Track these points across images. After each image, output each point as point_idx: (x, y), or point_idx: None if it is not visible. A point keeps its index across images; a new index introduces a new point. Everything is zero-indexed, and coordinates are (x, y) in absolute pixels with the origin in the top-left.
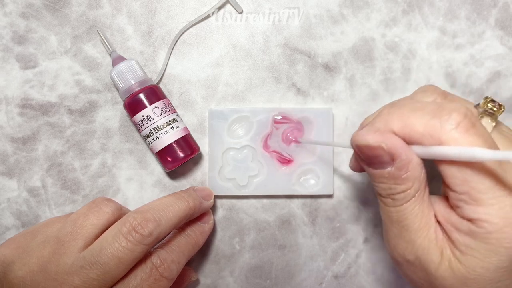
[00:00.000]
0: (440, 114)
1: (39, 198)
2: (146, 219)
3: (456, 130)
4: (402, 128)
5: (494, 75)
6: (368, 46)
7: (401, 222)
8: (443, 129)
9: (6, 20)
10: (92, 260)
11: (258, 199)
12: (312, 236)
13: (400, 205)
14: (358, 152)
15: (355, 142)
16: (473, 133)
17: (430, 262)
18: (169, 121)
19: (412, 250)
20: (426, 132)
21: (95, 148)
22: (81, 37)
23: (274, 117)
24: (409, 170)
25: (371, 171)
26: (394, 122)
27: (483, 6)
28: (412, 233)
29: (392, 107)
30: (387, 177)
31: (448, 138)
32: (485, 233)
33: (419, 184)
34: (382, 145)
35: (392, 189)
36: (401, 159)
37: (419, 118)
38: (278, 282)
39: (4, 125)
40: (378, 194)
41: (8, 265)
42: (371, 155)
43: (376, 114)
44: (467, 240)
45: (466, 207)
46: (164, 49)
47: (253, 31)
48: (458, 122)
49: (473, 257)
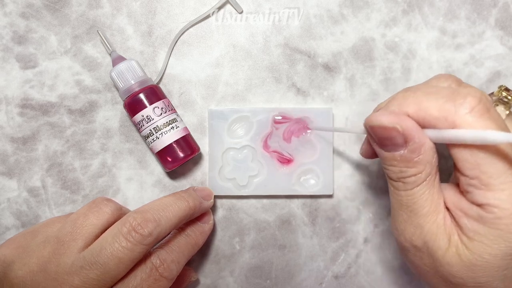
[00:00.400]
0: (454, 98)
1: (39, 198)
2: (146, 219)
3: (470, 114)
4: (416, 112)
5: (494, 75)
6: (368, 46)
7: (410, 206)
8: (458, 113)
9: (6, 20)
10: (92, 260)
11: (258, 199)
12: (312, 236)
13: (410, 189)
14: (372, 133)
15: (369, 123)
16: (487, 117)
17: (438, 248)
18: (169, 121)
19: (420, 235)
20: (440, 115)
21: (95, 148)
22: (81, 37)
23: (274, 117)
24: (421, 153)
25: (383, 153)
26: (409, 105)
27: (483, 6)
28: (421, 218)
29: (407, 91)
30: (399, 159)
31: (462, 121)
32: (494, 218)
33: (431, 168)
34: (396, 126)
35: (403, 172)
36: (414, 142)
37: (433, 102)
38: (278, 282)
39: (4, 125)
40: (389, 178)
41: (8, 265)
42: (385, 137)
43: (390, 98)
44: (476, 226)
45: (476, 192)
46: (164, 49)
47: (253, 31)
48: (473, 106)
49: (481, 243)
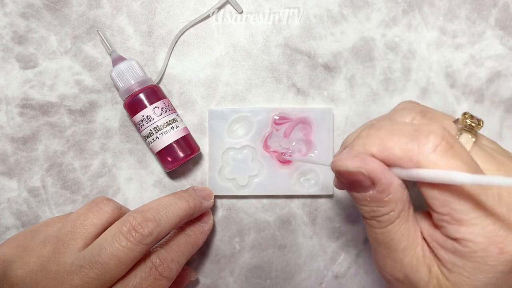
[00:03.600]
0: (417, 137)
1: (39, 198)
2: (146, 218)
3: (434, 153)
4: (381, 151)
5: (494, 75)
6: (368, 46)
7: (387, 242)
8: (421, 152)
9: (6, 20)
10: (92, 260)
11: (258, 199)
12: (312, 236)
13: (385, 227)
14: (339, 176)
15: (335, 168)
16: (452, 155)
17: (419, 280)
18: (169, 121)
19: (400, 269)
20: (404, 155)
21: (95, 148)
22: (81, 37)
23: (274, 117)
24: (390, 193)
25: (353, 194)
26: (372, 145)
27: (483, 6)
28: (400, 253)
29: (371, 129)
30: (369, 200)
31: (426, 161)
32: (470, 252)
33: (402, 205)
34: (361, 170)
35: (376, 211)
36: (381, 183)
37: (397, 141)
38: (278, 282)
39: (4, 125)
40: (363, 217)
41: (8, 264)
42: (352, 180)
43: (356, 136)
44: (453, 258)
45: (449, 227)
46: (164, 49)
47: (253, 31)
48: (436, 145)
49: (460, 275)
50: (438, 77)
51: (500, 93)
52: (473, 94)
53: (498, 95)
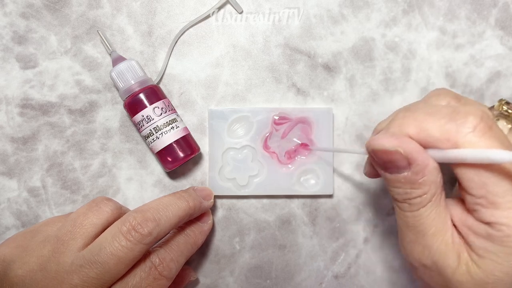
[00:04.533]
0: (455, 118)
1: (39, 198)
2: (146, 218)
3: (473, 134)
4: (418, 133)
5: (494, 75)
6: (368, 46)
7: (417, 227)
8: (460, 132)
9: (6, 20)
10: (92, 259)
11: (258, 199)
12: (312, 236)
13: (416, 210)
14: (374, 157)
15: (371, 147)
16: (490, 136)
17: (447, 266)
18: (169, 121)
19: (429, 255)
20: (442, 136)
21: (95, 148)
22: (81, 37)
23: (274, 117)
24: (425, 175)
25: (387, 175)
26: (409, 126)
27: (483, 6)
28: (429, 238)
29: (407, 111)
30: (403, 181)
31: (465, 141)
32: (503, 236)
33: (436, 188)
34: (399, 150)
35: (408, 193)
36: (417, 164)
37: (434, 122)
38: (278, 282)
39: (4, 125)
40: (394, 199)
41: (8, 264)
42: (388, 160)
43: (391, 119)
44: (485, 244)
45: (484, 211)
46: (164, 49)
47: (253, 31)
48: (475, 125)
49: (491, 261)
50: (438, 77)
51: (500, 93)
52: (473, 94)
53: (498, 95)
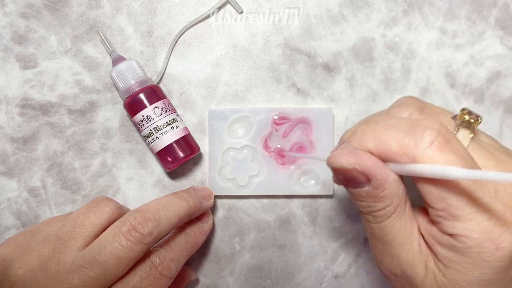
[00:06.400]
0: (414, 132)
1: (39, 198)
2: (146, 218)
3: (430, 148)
4: (377, 147)
5: (494, 75)
6: (368, 46)
7: (384, 237)
8: (418, 147)
9: (6, 20)
10: (92, 259)
11: (258, 199)
12: (312, 236)
13: (381, 222)
14: (335, 173)
15: (330, 165)
16: (448, 150)
17: (416, 275)
18: (169, 121)
19: (397, 264)
20: (400, 150)
21: (95, 148)
22: (81, 37)
23: (274, 117)
24: (386, 188)
25: (349, 190)
26: (369, 140)
27: (483, 6)
28: (396, 248)
29: (367, 124)
30: (365, 195)
31: (422, 156)
32: (465, 247)
33: (398, 200)
34: (356, 167)
35: (372, 206)
36: (376, 179)
37: (393, 136)
38: (278, 282)
39: (4, 125)
40: (360, 211)
41: (8, 264)
42: (347, 176)
43: (352, 131)
44: (449, 254)
45: (446, 223)
46: (164, 49)
47: (253, 31)
48: (432, 139)
49: (455, 271)
50: (438, 77)
51: (500, 93)
52: (473, 94)
53: (498, 95)
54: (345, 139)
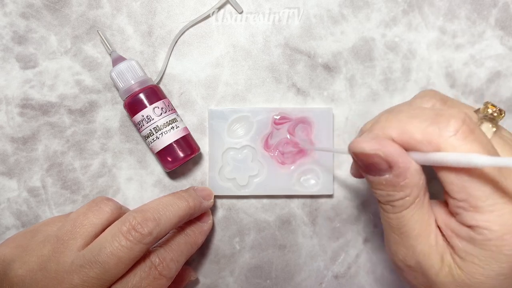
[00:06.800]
0: (438, 121)
1: (39, 198)
2: (146, 218)
3: (454, 137)
4: (400, 135)
5: (494, 75)
6: (368, 46)
7: (401, 228)
8: (442, 136)
9: (6, 20)
10: (92, 259)
11: (258, 199)
12: (312, 236)
13: (399, 212)
14: (356, 159)
15: (352, 150)
16: (472, 139)
17: (431, 267)
18: (169, 121)
19: (412, 256)
20: (424, 139)
21: (95, 148)
22: (81, 37)
23: (274, 117)
24: (407, 177)
25: (369, 178)
26: (392, 129)
27: (483, 6)
28: (412, 239)
29: (390, 113)
30: (385, 184)
31: (446, 145)
32: (484, 240)
33: (418, 190)
34: (379, 153)
35: (391, 196)
36: (398, 167)
37: (417, 125)
38: (278, 282)
39: (4, 125)
40: (378, 201)
41: (8, 264)
42: (368, 163)
43: (374, 120)
44: (467, 246)
45: (465, 214)
46: (164, 49)
47: (253, 31)
48: (457, 128)
49: (473, 264)
50: (438, 77)
51: (500, 93)
52: (473, 94)
53: (498, 95)
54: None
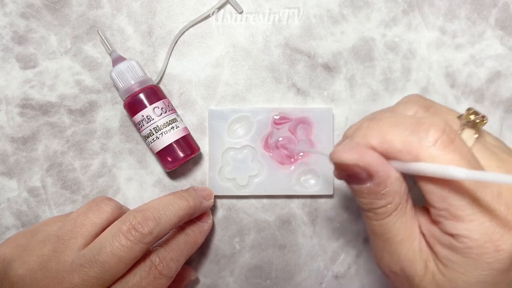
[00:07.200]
0: (418, 130)
1: (39, 198)
2: (146, 217)
3: (434, 147)
4: (380, 143)
5: (494, 75)
6: (368, 46)
7: (384, 235)
8: (421, 145)
9: (6, 20)
10: (92, 259)
11: (258, 199)
12: (312, 236)
13: (382, 219)
14: (337, 168)
15: (333, 160)
16: (452, 149)
17: (415, 274)
18: (169, 121)
19: (397, 262)
20: (404, 148)
21: (95, 148)
22: (81, 37)
23: (274, 117)
24: (387, 186)
25: (351, 186)
26: (372, 137)
27: (483, 6)
28: (396, 246)
29: (371, 120)
30: (366, 192)
31: (426, 154)
32: (465, 248)
33: (400, 198)
34: (358, 163)
35: (373, 203)
36: (378, 176)
37: (397, 134)
38: (278, 282)
39: (4, 125)
40: (361, 208)
41: (8, 264)
42: (349, 172)
43: (356, 126)
44: (449, 254)
45: (446, 223)
46: (164, 49)
47: (253, 31)
48: (436, 138)
49: (455, 271)
50: (438, 77)
51: (500, 93)
52: (473, 94)
53: (498, 95)
54: (348, 135)
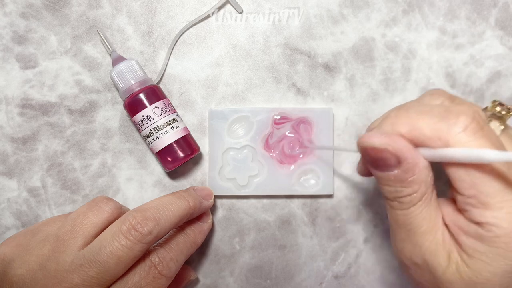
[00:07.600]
0: (447, 117)
1: (39, 198)
2: (146, 217)
3: (464, 133)
4: (409, 131)
5: (494, 75)
6: (368, 46)
7: (408, 225)
8: (451, 132)
9: (6, 20)
10: (92, 259)
11: (258, 199)
12: (312, 236)
13: (406, 208)
14: (364, 154)
15: (361, 144)
16: (481, 135)
17: (437, 265)
18: (169, 121)
19: (419, 253)
20: (433, 135)
21: (95, 148)
22: (81, 37)
23: (274, 117)
24: (415, 173)
25: (377, 173)
26: (401, 125)
27: (483, 6)
28: (419, 236)
29: (400, 109)
30: (393, 179)
31: (455, 141)
32: (493, 236)
33: (426, 187)
34: (388, 148)
35: (398, 192)
36: (407, 162)
37: (426, 121)
38: (278, 282)
39: (4, 125)
40: (385, 197)
41: (8, 263)
42: (377, 158)
43: (383, 117)
44: (475, 244)
45: (474, 211)
46: (164, 49)
47: (253, 31)
48: (466, 125)
49: (480, 261)
50: (438, 77)
51: (500, 93)
52: (473, 94)
53: (498, 95)
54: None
